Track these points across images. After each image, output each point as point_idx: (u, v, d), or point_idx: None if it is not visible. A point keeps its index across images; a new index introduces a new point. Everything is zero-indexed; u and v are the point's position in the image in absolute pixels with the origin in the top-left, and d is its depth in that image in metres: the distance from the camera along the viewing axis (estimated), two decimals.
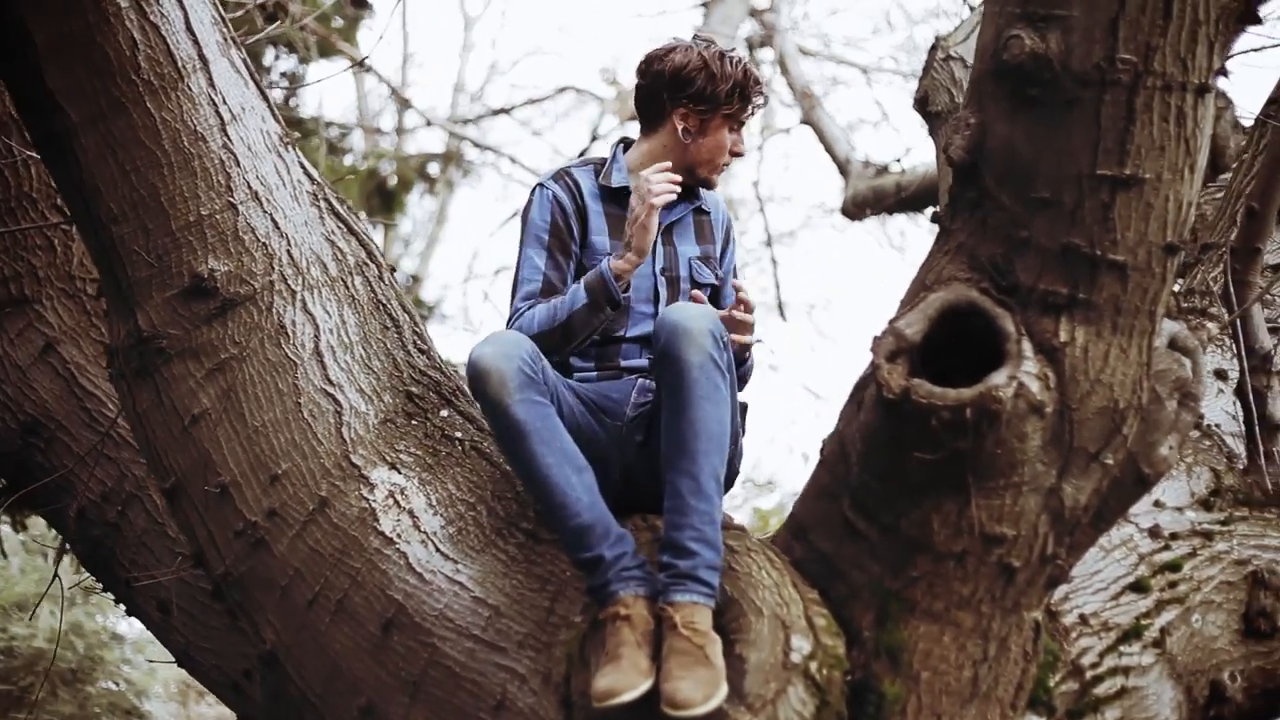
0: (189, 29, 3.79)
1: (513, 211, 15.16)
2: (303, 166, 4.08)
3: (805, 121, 13.71)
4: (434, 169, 13.67)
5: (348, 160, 11.59)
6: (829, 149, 13.19)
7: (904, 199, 11.71)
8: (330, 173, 9.33)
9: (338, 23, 11.51)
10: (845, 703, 3.25)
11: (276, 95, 10.60)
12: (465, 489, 3.77)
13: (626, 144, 4.31)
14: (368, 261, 4.09)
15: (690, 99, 4.09)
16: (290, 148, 4.06)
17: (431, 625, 3.54)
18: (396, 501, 3.70)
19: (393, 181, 12.57)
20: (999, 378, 3.07)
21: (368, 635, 3.60)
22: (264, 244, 3.85)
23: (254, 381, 3.79)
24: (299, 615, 3.69)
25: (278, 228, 3.89)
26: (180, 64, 3.75)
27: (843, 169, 12.88)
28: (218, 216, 3.81)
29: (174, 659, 5.00)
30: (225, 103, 3.85)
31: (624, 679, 3.17)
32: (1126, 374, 3.16)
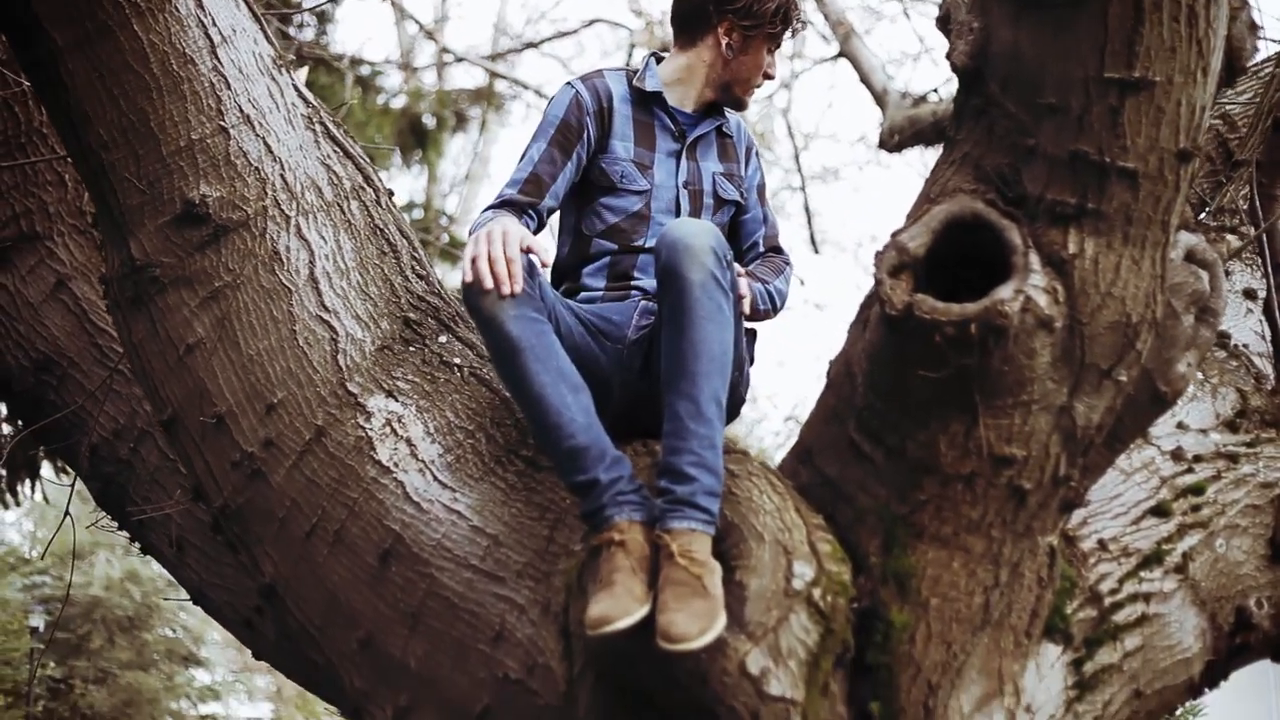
0: None
1: None
2: (297, 89, 4.00)
3: (842, 53, 13.52)
4: (468, 108, 13.56)
5: (380, 99, 11.50)
6: (866, 80, 13.02)
7: (941, 128, 11.53)
8: (361, 111, 9.24)
9: None
10: (851, 631, 3.14)
11: (307, 34, 10.51)
12: (464, 416, 3.68)
13: (659, 58, 4.25)
14: (364, 185, 4.00)
15: (737, 13, 4.05)
16: (284, 70, 3.96)
17: (429, 555, 3.46)
18: (394, 430, 3.61)
19: (429, 121, 12.49)
20: (1005, 291, 2.95)
21: (365, 566, 3.52)
22: (257, 169, 3.77)
23: (248, 309, 3.71)
24: (297, 547, 3.62)
25: (271, 152, 3.80)
26: None
27: (880, 100, 12.72)
28: (209, 141, 3.72)
29: (189, 597, 4.95)
30: (215, 24, 3.77)
31: (618, 606, 3.06)
32: (1139, 287, 3.03)
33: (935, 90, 12.08)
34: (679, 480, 3.23)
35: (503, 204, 3.89)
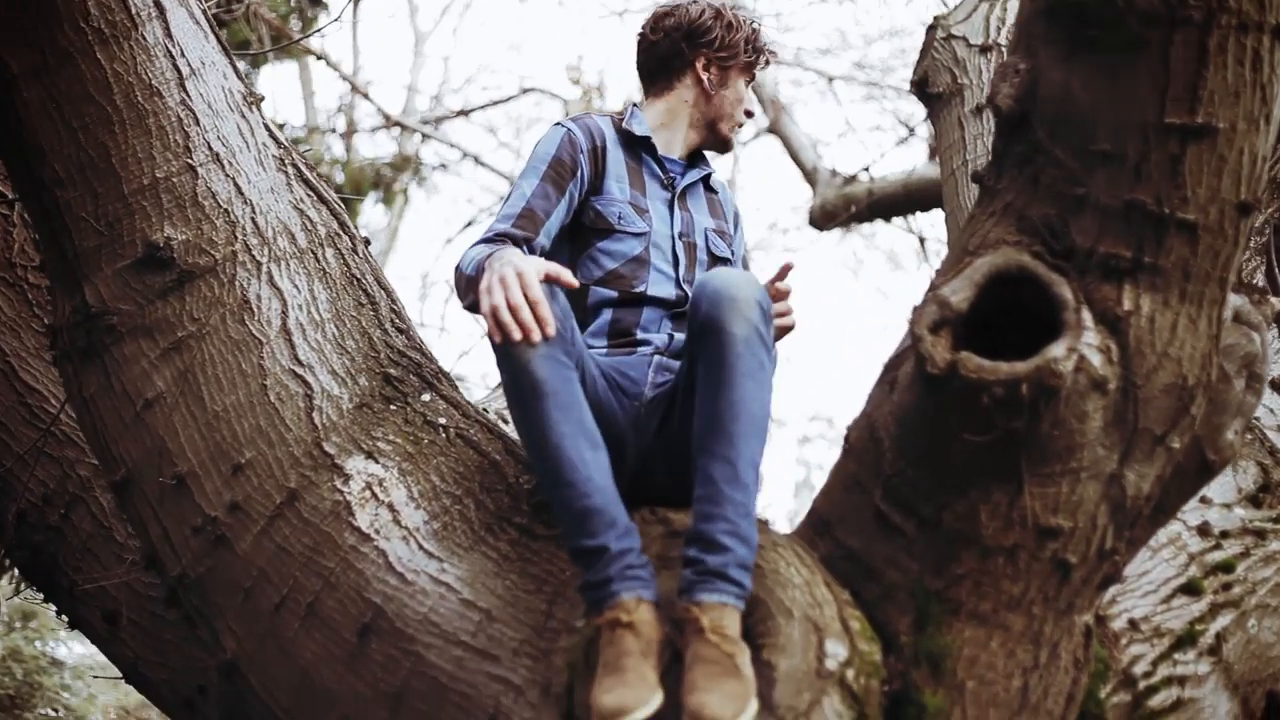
0: None
1: (468, 220, 14.79)
2: (268, 128, 3.73)
3: (772, 130, 13.41)
4: (391, 176, 13.29)
5: None
6: (796, 157, 12.89)
7: (875, 206, 11.43)
8: None
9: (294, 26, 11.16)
10: (883, 715, 2.90)
11: None
12: (451, 480, 3.40)
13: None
14: (340, 232, 3.73)
15: (709, 46, 3.96)
16: (254, 108, 3.70)
17: (415, 631, 3.16)
18: (374, 494, 3.33)
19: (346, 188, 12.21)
20: (1058, 349, 2.74)
21: (342, 642, 3.22)
22: (226, 211, 3.50)
23: (214, 362, 3.43)
24: (264, 621, 3.32)
25: (241, 193, 3.54)
26: (134, 11, 3.41)
27: (810, 178, 12.60)
28: (175, 180, 3.45)
29: (121, 674, 4.60)
30: (184, 55, 3.50)
31: (633, 694, 2.78)
32: (1196, 347, 2.84)
33: (866, 169, 11.96)
34: (711, 550, 2.95)
35: (496, 238, 3.61)
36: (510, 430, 3.77)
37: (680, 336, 3.74)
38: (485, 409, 5.00)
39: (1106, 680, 3.19)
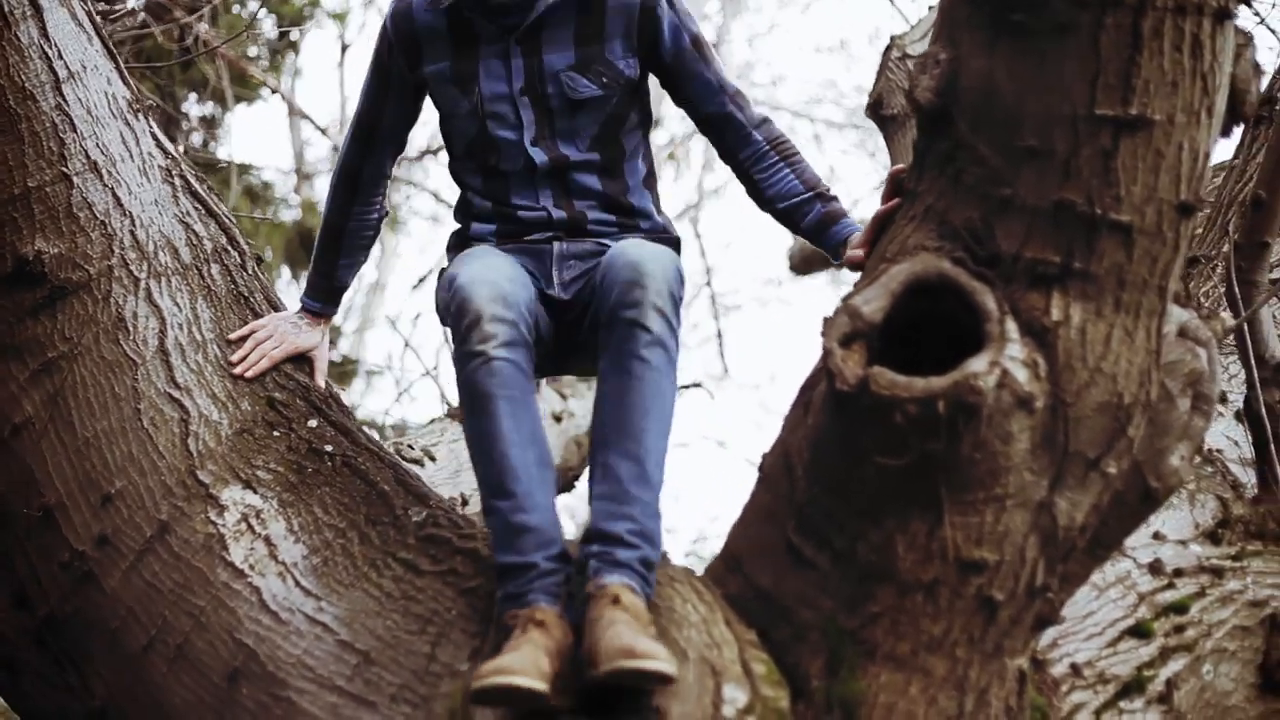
0: None
1: (435, 263, 14.50)
2: (155, 137, 3.50)
3: None
4: None
5: (270, 211, 10.97)
6: None
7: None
8: (250, 223, 8.71)
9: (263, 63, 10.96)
10: None
11: (195, 140, 10.03)
12: (334, 512, 3.14)
13: None
14: (228, 248, 3.50)
15: None
16: (141, 115, 3.46)
17: (287, 675, 2.90)
18: (250, 526, 3.08)
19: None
20: (978, 364, 2.49)
21: (212, 687, 2.97)
22: (102, 223, 3.28)
23: (86, 384, 3.21)
24: (132, 663, 3.07)
25: (120, 205, 3.32)
26: (6, 10, 3.21)
27: None
28: (48, 189, 3.24)
29: None
30: (61, 57, 3.29)
31: (518, 663, 2.57)
32: (1132, 362, 2.59)
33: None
34: (618, 546, 2.86)
35: (342, 176, 3.64)
36: (403, 461, 3.51)
37: (576, 209, 3.51)
38: (411, 445, 4.76)
39: None
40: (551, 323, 3.40)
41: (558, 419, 6.64)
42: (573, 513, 12.79)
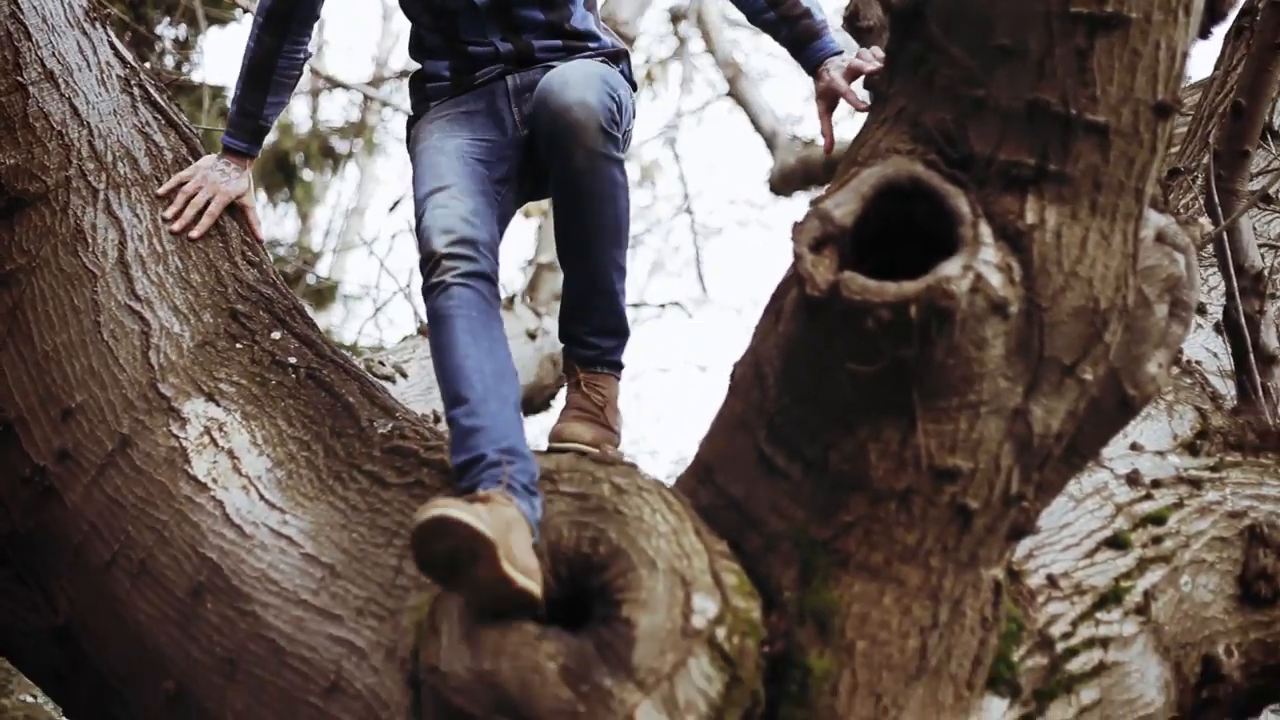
0: None
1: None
2: (113, 46, 3.43)
3: (730, 94, 13.10)
4: (339, 143, 12.92)
5: None
6: (754, 122, 12.59)
7: (834, 168, 11.11)
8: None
9: None
10: (762, 679, 2.59)
11: (168, 62, 9.89)
12: (299, 424, 3.09)
13: None
14: (188, 158, 3.44)
15: None
16: (99, 24, 3.39)
17: (251, 589, 2.87)
18: (213, 439, 3.03)
19: (298, 158, 11.86)
20: (951, 267, 2.43)
21: (175, 602, 2.93)
22: (59, 133, 3.23)
23: (45, 298, 3.16)
24: (95, 580, 3.03)
25: (77, 114, 3.26)
26: None
27: (769, 142, 12.30)
28: (2, 100, 3.21)
29: None
30: None
31: (459, 505, 2.53)
32: (1109, 266, 2.53)
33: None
34: (581, 345, 3.45)
35: (272, 16, 3.54)
36: (374, 377, 3.45)
37: (523, 40, 3.58)
38: (381, 361, 4.70)
39: (1020, 641, 2.88)
40: (521, 158, 3.51)
41: (532, 336, 6.56)
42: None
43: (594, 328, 3.40)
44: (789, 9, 3.54)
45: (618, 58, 3.66)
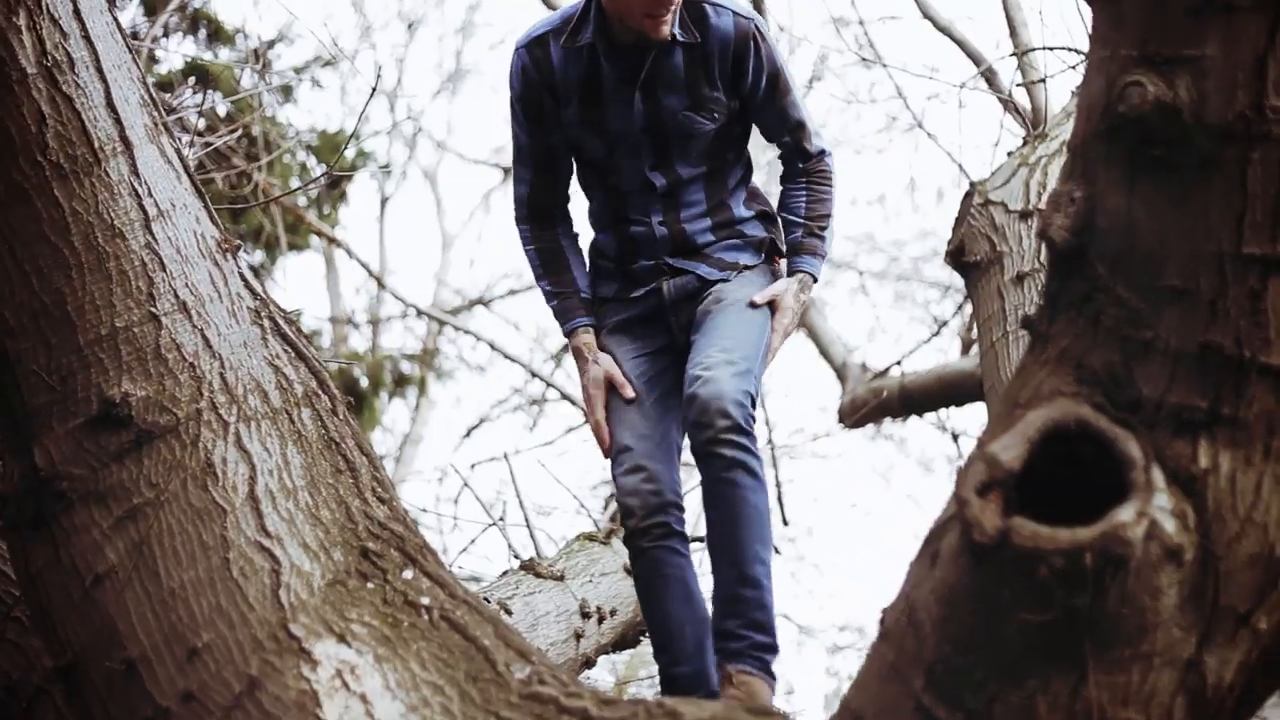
0: (110, 105, 3.19)
1: (480, 416, 14.48)
2: (243, 278, 3.42)
3: (801, 325, 13.13)
4: (409, 369, 12.99)
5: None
6: (825, 353, 12.60)
7: (907, 400, 11.08)
8: None
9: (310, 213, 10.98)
10: None
11: None
12: (433, 668, 3.00)
13: None
14: (319, 392, 3.40)
15: None
16: (229, 256, 3.39)
17: None
18: (345, 682, 2.93)
19: (363, 382, 11.92)
20: (1126, 513, 2.36)
21: None
22: (191, 365, 3.19)
23: (173, 532, 3.08)
24: None
25: (209, 346, 3.23)
26: (97, 145, 3.15)
27: (840, 374, 12.30)
28: (136, 330, 3.15)
29: None
30: (151, 195, 3.23)
31: None
32: None
33: (898, 363, 11.64)
34: (732, 639, 3.66)
35: (534, 213, 4.30)
36: (503, 616, 3.42)
37: (680, 222, 4.16)
38: (486, 597, 4.63)
39: None
40: (678, 342, 4.19)
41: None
42: None
43: (745, 621, 3.68)
44: (818, 225, 4.26)
45: (761, 247, 4.27)
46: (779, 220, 4.39)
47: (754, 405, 3.76)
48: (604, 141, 4.09)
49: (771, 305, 4.13)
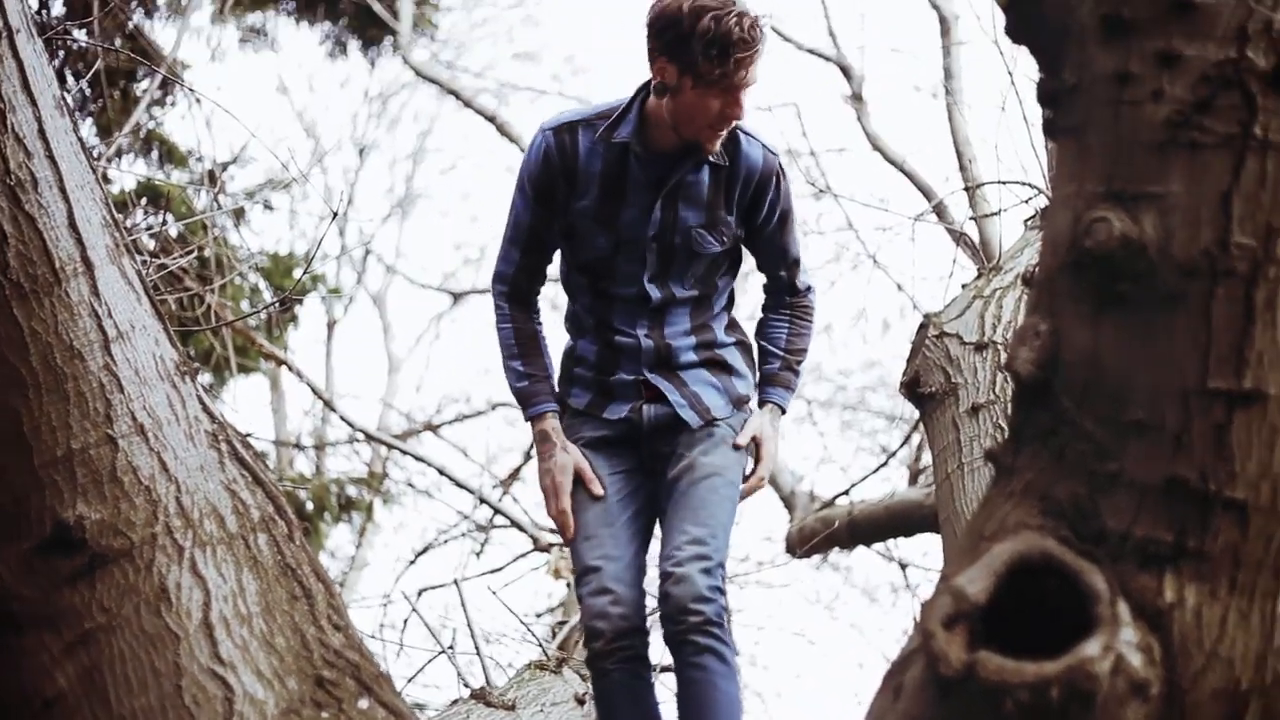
0: (72, 225, 3.18)
1: (427, 542, 14.35)
2: (201, 402, 3.39)
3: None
4: (355, 492, 12.93)
5: None
6: (772, 481, 12.59)
7: (856, 530, 11.08)
8: None
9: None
10: None
11: None
12: None
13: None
14: (275, 517, 3.36)
15: (667, 46, 3.82)
16: (188, 378, 3.37)
17: None
18: None
19: (309, 506, 11.85)
20: (1092, 647, 2.35)
21: None
22: (147, 488, 3.16)
23: (124, 658, 3.04)
24: None
25: (166, 469, 3.20)
26: (58, 265, 3.14)
27: (788, 503, 12.31)
28: (92, 452, 3.13)
29: None
30: (111, 316, 3.21)
31: None
32: (1249, 645, 2.45)
33: (845, 493, 11.65)
34: None
35: (513, 290, 4.26)
36: None
37: (664, 338, 4.19)
38: None
39: None
40: (649, 468, 4.22)
41: (580, 702, 6.48)
42: None
43: None
44: (794, 358, 4.40)
45: (738, 402, 4.29)
46: (754, 349, 4.45)
47: (724, 594, 3.91)
48: (610, 240, 4.08)
49: (754, 441, 4.23)
